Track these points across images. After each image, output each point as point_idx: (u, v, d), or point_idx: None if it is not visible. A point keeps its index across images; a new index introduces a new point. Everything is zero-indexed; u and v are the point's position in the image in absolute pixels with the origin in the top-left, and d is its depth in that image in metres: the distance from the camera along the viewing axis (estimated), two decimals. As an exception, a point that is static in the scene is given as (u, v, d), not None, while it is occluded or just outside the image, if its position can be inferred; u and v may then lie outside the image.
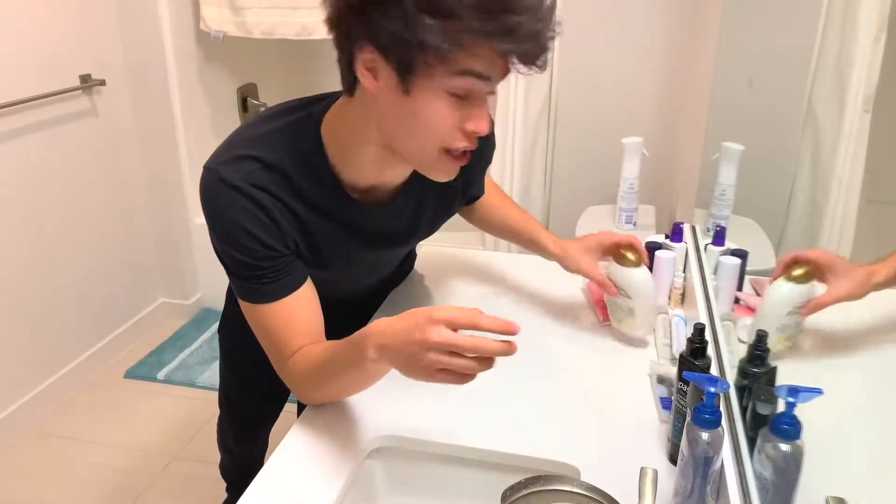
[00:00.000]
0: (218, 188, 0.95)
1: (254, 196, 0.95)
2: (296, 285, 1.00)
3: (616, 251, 1.24)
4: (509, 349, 0.79)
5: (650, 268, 1.29)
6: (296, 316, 1.01)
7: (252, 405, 1.51)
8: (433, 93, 0.86)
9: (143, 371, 2.56)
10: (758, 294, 1.07)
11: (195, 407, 2.35)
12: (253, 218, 0.95)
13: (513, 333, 0.80)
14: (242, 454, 1.63)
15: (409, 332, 0.81)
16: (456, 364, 0.80)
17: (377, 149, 0.97)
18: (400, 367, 0.85)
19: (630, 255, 1.22)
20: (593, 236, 1.28)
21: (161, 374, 2.53)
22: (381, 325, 0.86)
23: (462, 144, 0.91)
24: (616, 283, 1.22)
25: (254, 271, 0.98)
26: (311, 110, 1.01)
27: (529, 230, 1.34)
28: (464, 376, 0.82)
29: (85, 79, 2.36)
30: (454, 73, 0.84)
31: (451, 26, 0.80)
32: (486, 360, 0.81)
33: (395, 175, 1.05)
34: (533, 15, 0.82)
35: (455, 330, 0.80)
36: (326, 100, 1.01)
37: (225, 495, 1.75)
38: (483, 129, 0.89)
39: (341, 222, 1.04)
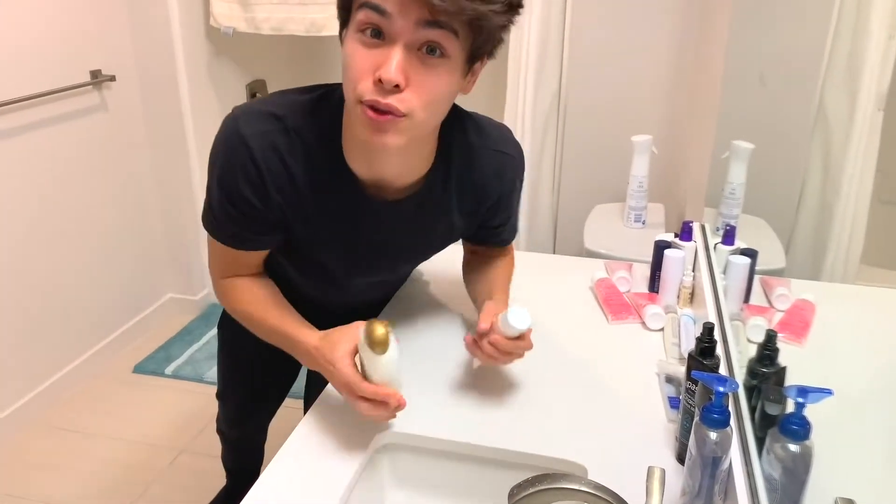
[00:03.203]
0: (233, 139, 0.96)
1: (259, 161, 0.96)
2: (262, 248, 1.08)
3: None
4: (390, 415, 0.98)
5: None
6: (248, 262, 1.09)
7: (246, 396, 1.53)
8: (350, 38, 0.87)
9: (151, 366, 2.57)
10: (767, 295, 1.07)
11: (202, 402, 2.35)
12: (251, 182, 0.97)
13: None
14: (235, 440, 1.66)
15: (338, 386, 0.98)
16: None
17: None
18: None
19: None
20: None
21: (169, 369, 2.54)
22: (312, 347, 1.01)
23: (370, 95, 0.85)
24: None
25: (232, 222, 1.02)
26: (336, 90, 1.01)
27: (489, 289, 1.20)
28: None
29: (95, 74, 2.37)
30: (357, 9, 0.85)
31: None
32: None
33: (384, 169, 1.00)
34: None
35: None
36: None
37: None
38: (385, 76, 0.83)
39: (344, 207, 1.03)
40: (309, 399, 1.48)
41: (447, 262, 1.55)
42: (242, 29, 2.53)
